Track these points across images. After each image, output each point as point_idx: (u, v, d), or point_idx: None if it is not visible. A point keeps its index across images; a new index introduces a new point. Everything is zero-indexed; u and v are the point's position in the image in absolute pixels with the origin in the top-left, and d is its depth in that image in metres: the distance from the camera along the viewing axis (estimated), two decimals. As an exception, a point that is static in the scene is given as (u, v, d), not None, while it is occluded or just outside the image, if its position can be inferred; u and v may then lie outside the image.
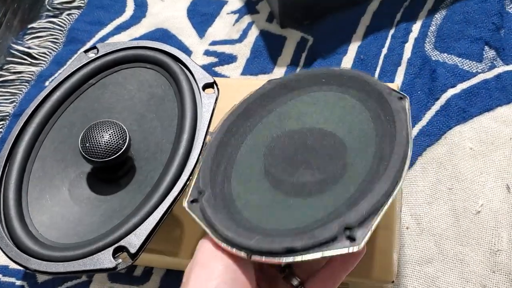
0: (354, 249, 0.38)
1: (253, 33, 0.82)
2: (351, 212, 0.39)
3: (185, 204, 0.46)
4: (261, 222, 0.43)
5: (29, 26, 0.89)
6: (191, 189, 0.47)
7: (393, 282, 0.53)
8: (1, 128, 0.80)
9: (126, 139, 0.52)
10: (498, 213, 0.60)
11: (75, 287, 0.66)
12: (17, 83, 0.84)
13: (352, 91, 0.51)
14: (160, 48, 0.57)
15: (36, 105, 0.55)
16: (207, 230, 0.43)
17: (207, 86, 0.55)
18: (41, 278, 0.67)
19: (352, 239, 0.38)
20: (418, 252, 0.60)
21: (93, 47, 0.59)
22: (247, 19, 0.84)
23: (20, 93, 0.83)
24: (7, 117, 0.81)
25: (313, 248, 0.39)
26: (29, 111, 0.55)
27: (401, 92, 0.48)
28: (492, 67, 0.70)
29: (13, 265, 0.69)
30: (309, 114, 0.52)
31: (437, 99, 0.69)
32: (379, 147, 0.45)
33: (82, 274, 0.56)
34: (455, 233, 0.60)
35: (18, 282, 0.67)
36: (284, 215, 0.44)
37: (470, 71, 0.70)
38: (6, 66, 0.85)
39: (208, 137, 0.52)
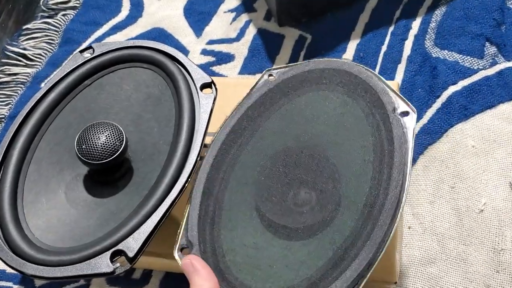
0: None
1: (251, 31, 0.81)
2: None
3: (175, 252, 0.47)
4: (247, 282, 0.44)
5: (24, 27, 0.88)
6: (180, 235, 0.47)
7: (395, 283, 0.53)
8: (-4, 130, 0.79)
9: (123, 140, 0.51)
10: (501, 211, 0.59)
11: (73, 291, 0.65)
12: (13, 85, 0.83)
13: (359, 99, 0.48)
14: (156, 47, 0.57)
15: (31, 106, 0.54)
16: None
17: (205, 86, 0.54)
18: (38, 282, 0.66)
19: None
20: (421, 252, 0.59)
21: (89, 47, 0.58)
22: (244, 17, 0.83)
23: (15, 95, 0.82)
24: (3, 120, 0.80)
25: None
26: (24, 112, 0.54)
27: (409, 104, 0.45)
28: (494, 63, 0.69)
29: (10, 269, 0.67)
30: (304, 129, 0.49)
31: (438, 96, 0.68)
32: (371, 194, 0.43)
33: (80, 279, 0.55)
34: (458, 232, 0.59)
35: (16, 287, 0.66)
36: (265, 275, 0.44)
37: (471, 67, 0.70)
38: (1, 68, 0.84)
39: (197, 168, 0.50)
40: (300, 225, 0.45)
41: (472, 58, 0.70)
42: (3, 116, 0.80)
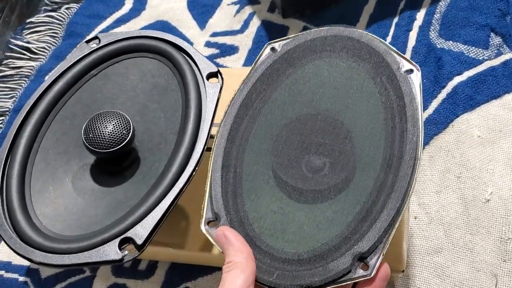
0: (367, 276, 0.41)
1: (255, 23, 0.81)
2: (363, 241, 0.41)
3: (202, 226, 0.46)
4: (278, 246, 0.44)
5: (28, 20, 0.88)
6: (205, 209, 0.47)
7: (403, 271, 0.53)
8: (1, 123, 0.79)
9: (130, 129, 0.51)
10: (508, 201, 0.59)
11: (78, 283, 0.65)
12: (17, 78, 0.83)
13: (364, 62, 0.49)
14: (162, 37, 0.57)
15: (37, 96, 0.54)
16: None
17: (211, 75, 0.54)
18: (44, 273, 0.66)
19: (365, 267, 0.41)
20: (427, 242, 0.59)
21: (95, 37, 0.58)
22: (248, 9, 0.83)
23: (19, 88, 0.82)
24: (7, 113, 0.80)
25: (330, 282, 0.41)
26: (30, 102, 0.54)
27: (412, 62, 0.47)
28: (499, 54, 0.69)
29: (16, 261, 0.68)
30: (314, 96, 0.50)
31: (444, 87, 0.68)
32: (388, 148, 0.45)
33: (88, 267, 0.55)
34: (465, 222, 0.59)
35: (21, 278, 0.66)
36: (297, 236, 0.45)
37: (477, 58, 0.69)
38: (5, 61, 0.84)
39: (212, 141, 0.50)
40: (324, 186, 0.46)
41: (477, 49, 0.70)
42: (7, 109, 0.80)
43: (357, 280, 0.41)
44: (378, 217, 0.42)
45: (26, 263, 0.67)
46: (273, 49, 0.53)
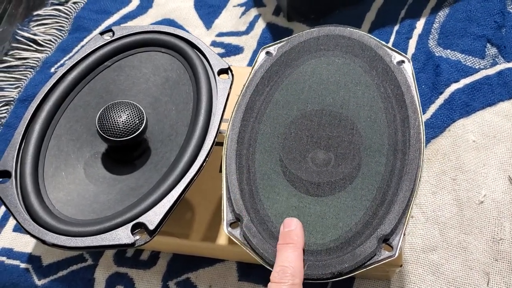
0: (392, 256, 0.43)
1: (260, 25, 0.83)
2: (384, 224, 0.44)
3: (224, 228, 0.48)
4: (304, 239, 0.46)
5: (35, 13, 0.89)
6: (225, 212, 0.48)
7: (401, 266, 0.55)
8: (5, 113, 0.80)
9: (143, 120, 0.52)
10: (500, 203, 0.62)
11: (80, 271, 0.66)
12: (22, 69, 0.84)
13: (357, 58, 0.53)
14: (175, 33, 0.58)
15: (52, 84, 0.55)
16: (256, 258, 0.46)
17: (222, 71, 0.55)
18: (45, 261, 0.67)
19: (389, 248, 0.44)
20: (423, 240, 0.61)
21: (109, 30, 0.59)
22: (253, 12, 0.85)
23: (25, 79, 0.83)
24: (12, 102, 0.80)
25: (359, 267, 0.44)
26: (45, 89, 0.55)
27: (402, 54, 0.51)
28: (494, 64, 0.72)
29: (17, 248, 0.68)
30: (315, 92, 0.52)
31: (441, 93, 0.71)
32: (393, 135, 0.48)
33: (100, 250, 0.56)
34: (459, 222, 0.62)
35: (23, 265, 0.67)
36: (320, 226, 0.47)
37: (473, 67, 0.72)
38: (11, 52, 0.85)
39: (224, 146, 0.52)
40: (339, 176, 0.48)
41: (473, 58, 0.73)
42: (12, 98, 0.81)
43: (383, 262, 0.43)
44: (395, 200, 0.45)
45: (27, 250, 0.68)
46: (268, 53, 0.56)
